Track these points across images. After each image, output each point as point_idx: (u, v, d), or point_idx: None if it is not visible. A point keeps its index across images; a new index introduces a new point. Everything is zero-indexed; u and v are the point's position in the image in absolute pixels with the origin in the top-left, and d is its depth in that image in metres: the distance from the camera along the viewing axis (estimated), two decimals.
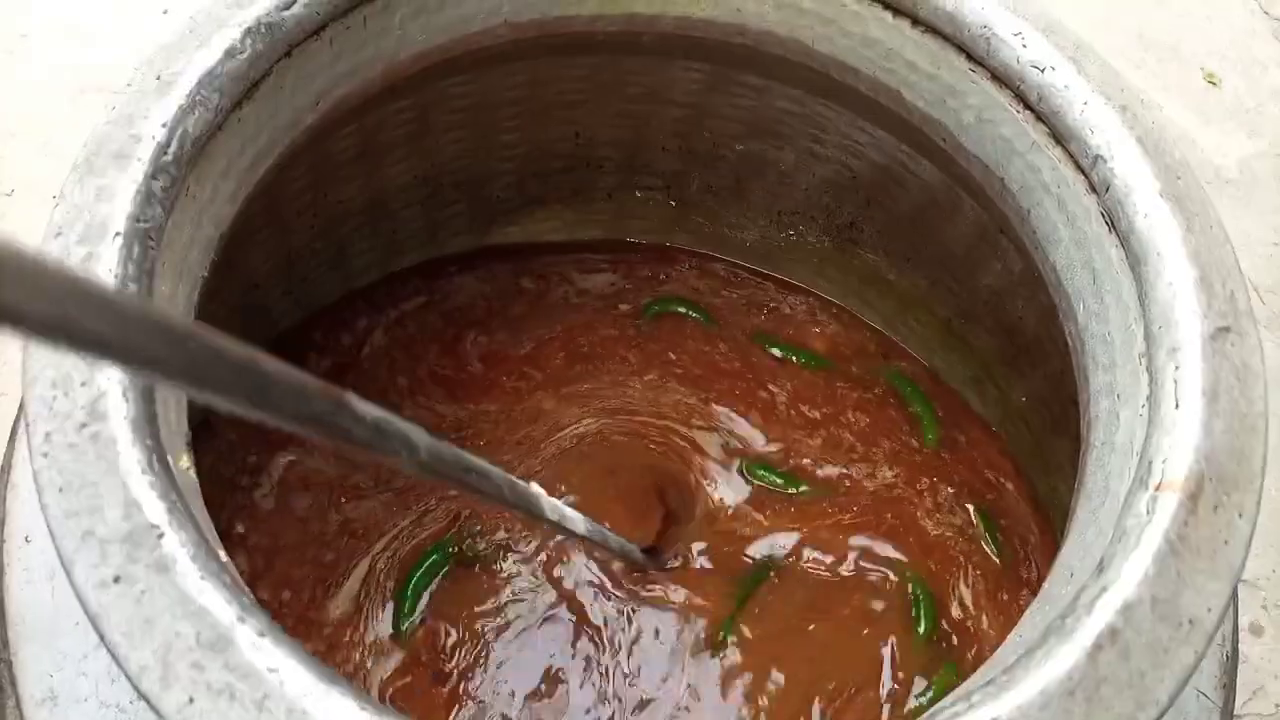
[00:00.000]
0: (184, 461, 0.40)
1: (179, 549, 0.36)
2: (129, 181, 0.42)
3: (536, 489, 0.44)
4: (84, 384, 0.38)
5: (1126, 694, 0.36)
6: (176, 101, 0.45)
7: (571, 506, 0.66)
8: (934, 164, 0.63)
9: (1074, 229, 0.51)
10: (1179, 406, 0.41)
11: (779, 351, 0.76)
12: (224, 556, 0.37)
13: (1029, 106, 0.52)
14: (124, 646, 0.34)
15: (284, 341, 0.72)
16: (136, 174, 0.43)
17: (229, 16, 0.48)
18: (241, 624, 0.34)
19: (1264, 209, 1.21)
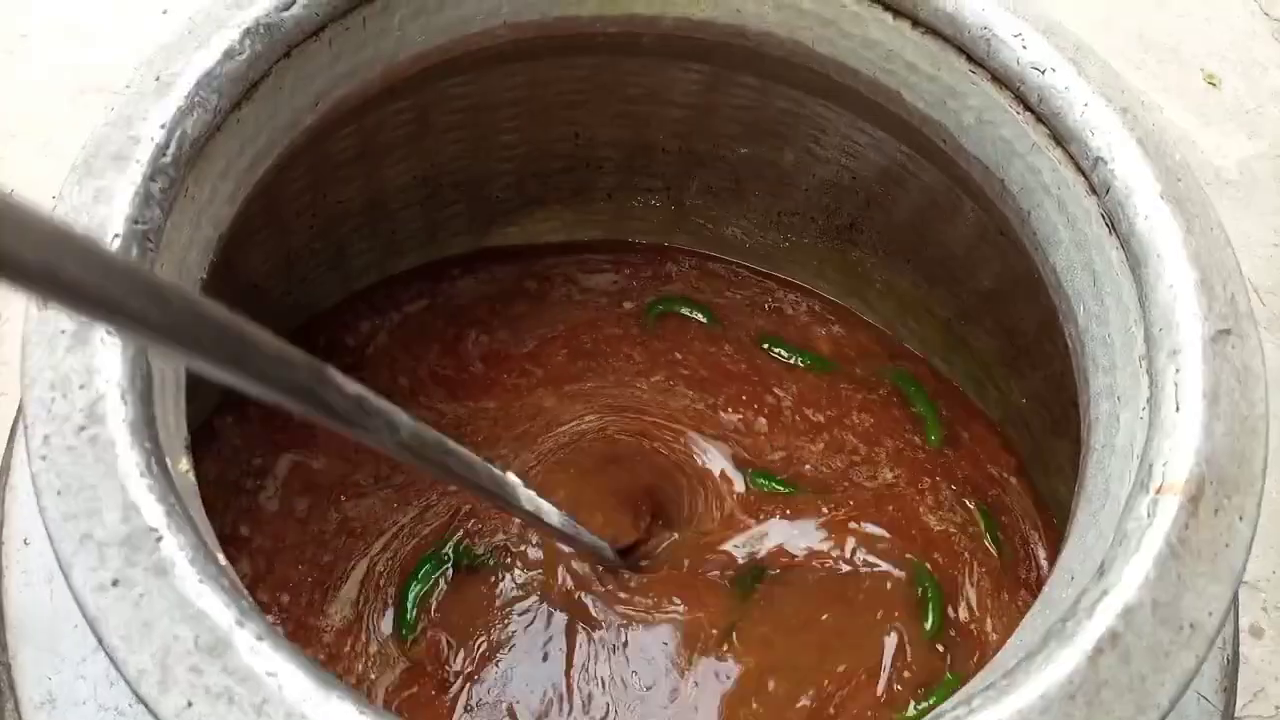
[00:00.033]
0: (183, 464, 0.40)
1: (177, 552, 0.36)
2: (127, 183, 0.42)
3: (513, 478, 0.44)
4: (82, 386, 0.38)
5: (1127, 698, 0.36)
6: (175, 103, 0.45)
7: (562, 499, 0.66)
8: (934, 165, 0.63)
9: (1074, 231, 0.51)
10: (1179, 409, 0.41)
11: (784, 353, 0.76)
12: (223, 560, 0.37)
13: (1029, 108, 0.52)
14: (122, 650, 0.34)
15: (300, 333, 0.72)
16: (135, 175, 0.43)
17: (228, 17, 0.48)
18: (240, 628, 0.34)
19: (1264, 210, 1.21)
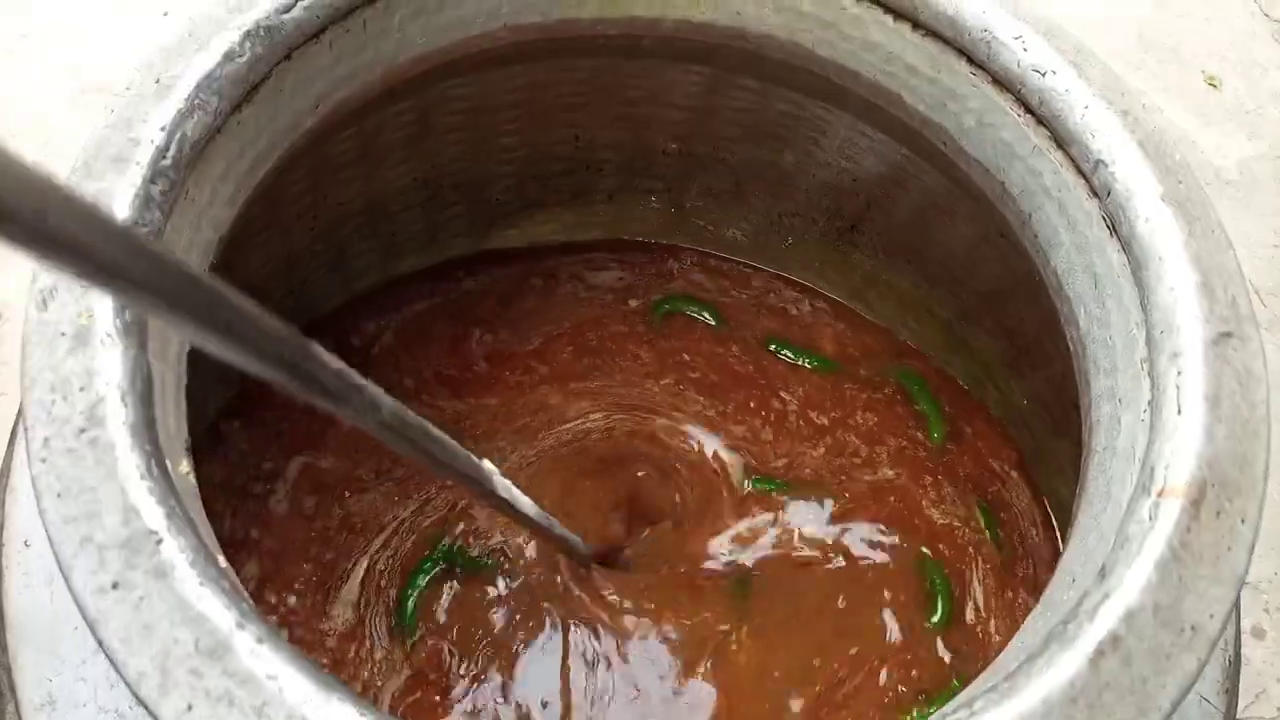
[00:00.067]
0: (183, 466, 0.40)
1: (178, 554, 0.36)
2: (127, 185, 0.42)
3: (489, 466, 0.44)
4: (83, 389, 0.38)
5: (1129, 701, 0.36)
6: (175, 105, 0.45)
7: (557, 495, 0.66)
8: (934, 167, 0.63)
9: (1075, 233, 0.51)
10: (1181, 412, 0.41)
11: (790, 355, 0.75)
12: (223, 562, 0.37)
13: (1030, 110, 0.52)
14: (122, 653, 0.34)
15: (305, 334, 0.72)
16: (135, 178, 0.43)
17: (228, 19, 0.47)
18: (240, 630, 0.34)
19: (1264, 211, 1.21)
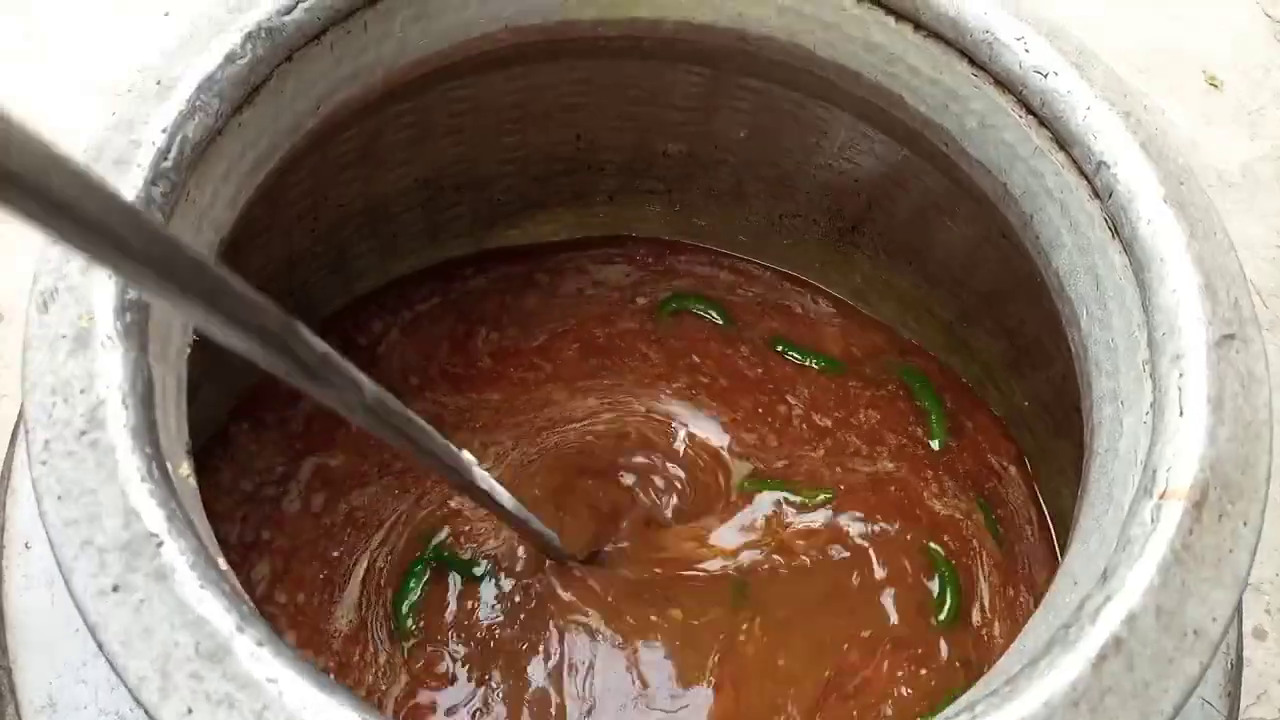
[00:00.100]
0: (184, 469, 0.40)
1: (178, 557, 0.35)
2: (128, 187, 0.42)
3: (469, 457, 0.44)
4: (83, 391, 0.38)
5: (1131, 704, 0.36)
6: (176, 107, 0.45)
7: (548, 493, 0.66)
8: (936, 168, 0.63)
9: (1077, 235, 0.51)
10: (1183, 414, 0.41)
11: (797, 356, 0.75)
12: (224, 565, 0.37)
13: (1032, 112, 0.52)
14: (123, 656, 0.34)
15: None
16: (136, 179, 0.43)
17: (229, 21, 0.47)
18: (240, 633, 0.34)
19: (1266, 212, 1.21)
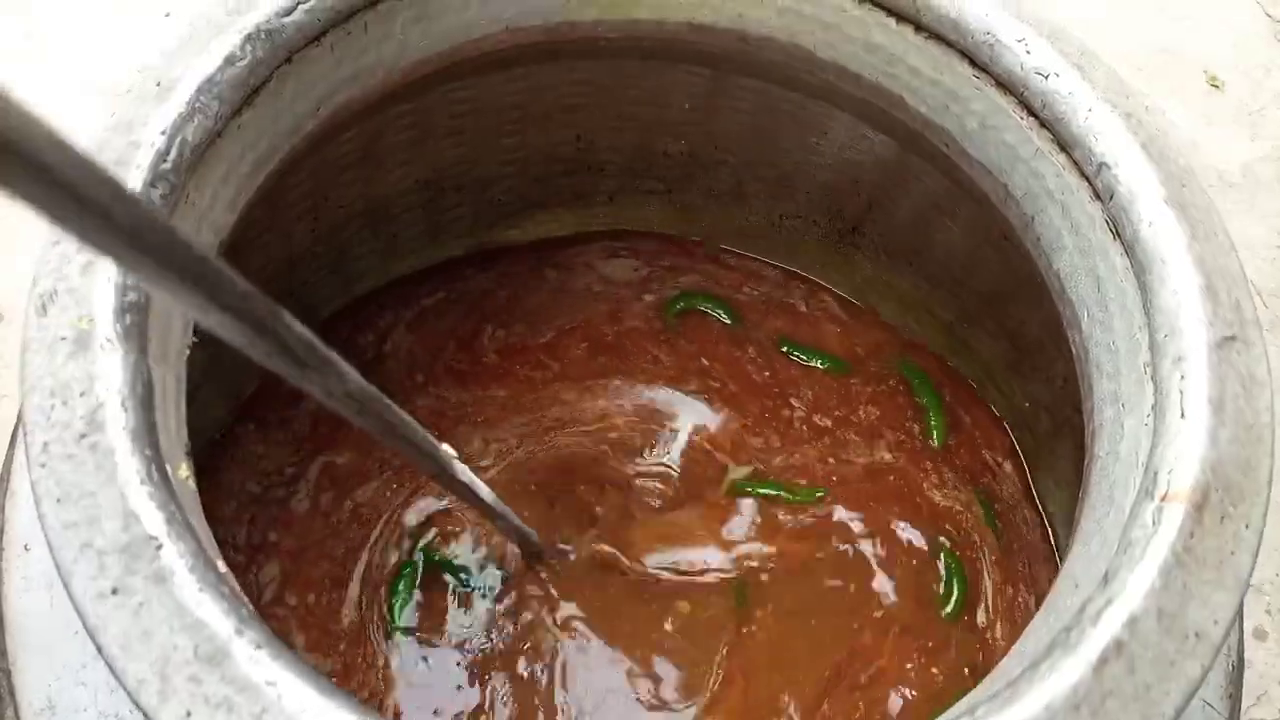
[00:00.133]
0: (183, 471, 0.40)
1: (177, 560, 0.35)
2: (131, 190, 0.42)
3: (448, 450, 0.44)
4: (83, 394, 0.38)
5: (1132, 708, 0.36)
6: (176, 108, 0.44)
7: (553, 493, 0.66)
8: (936, 169, 0.63)
9: (1078, 236, 0.51)
10: (1184, 416, 0.41)
11: (803, 356, 0.75)
12: (223, 568, 0.37)
13: (1033, 113, 0.52)
14: (122, 659, 0.34)
15: None
16: (135, 181, 0.43)
17: (229, 23, 0.47)
18: (239, 636, 0.34)
19: (1267, 212, 1.21)
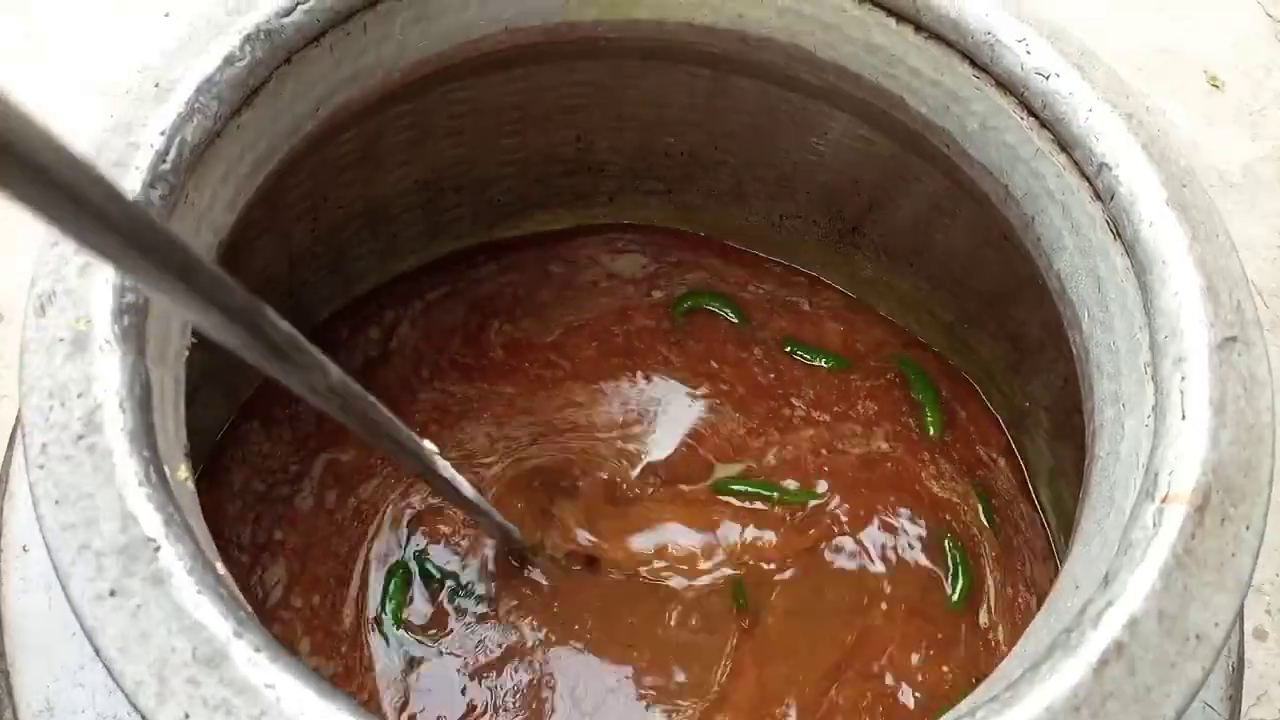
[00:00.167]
0: (182, 473, 0.40)
1: (175, 562, 0.35)
2: (127, 190, 0.42)
3: (430, 446, 0.44)
4: (80, 395, 0.38)
5: (1132, 709, 0.36)
6: (175, 109, 0.44)
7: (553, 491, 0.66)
8: (937, 170, 0.62)
9: (1078, 236, 0.51)
10: (1185, 417, 0.41)
11: (807, 356, 0.75)
12: (221, 569, 0.36)
13: (1033, 114, 0.52)
14: (120, 661, 0.34)
15: (310, 337, 0.72)
16: (134, 182, 0.42)
17: (228, 23, 0.47)
18: (238, 639, 0.34)
19: (1267, 212, 1.21)
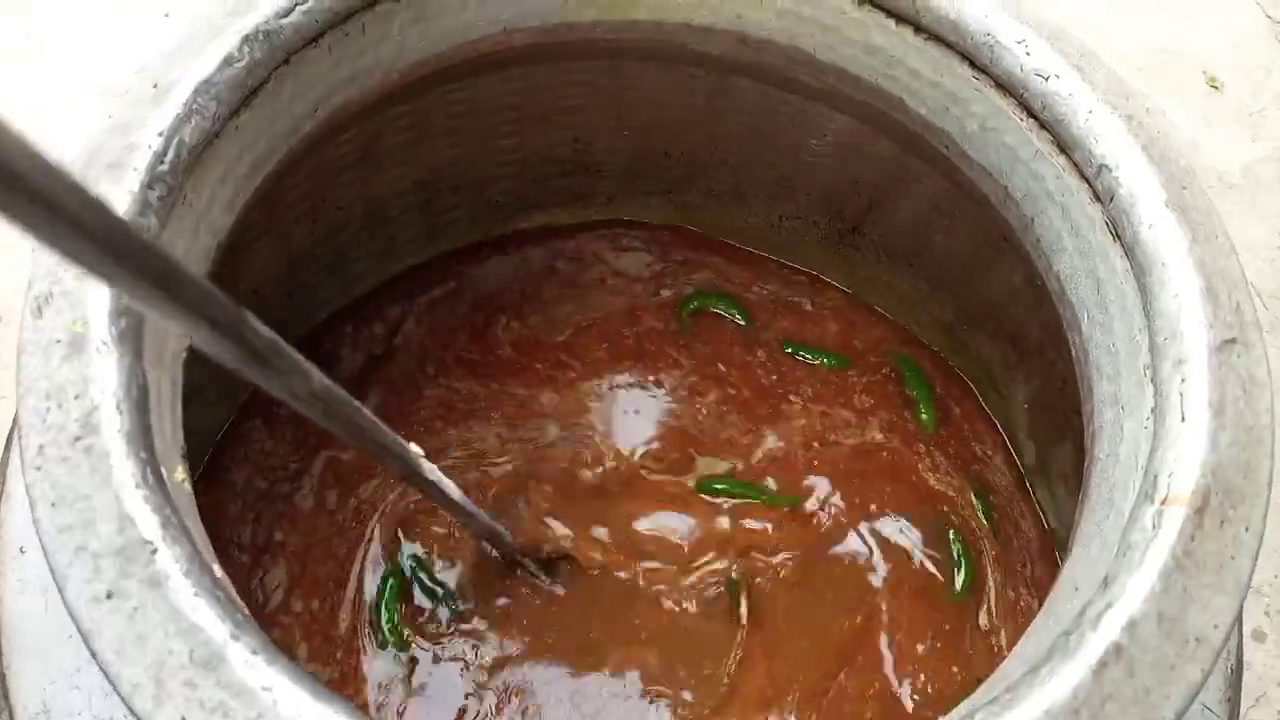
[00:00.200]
0: (179, 474, 0.40)
1: (172, 564, 0.35)
2: (124, 191, 0.42)
3: (415, 449, 0.44)
4: (78, 396, 0.38)
5: (1132, 711, 0.36)
6: (173, 110, 0.44)
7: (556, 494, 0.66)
8: (936, 171, 0.62)
9: (1078, 238, 0.51)
10: (1185, 419, 0.41)
11: (809, 356, 0.75)
12: (219, 572, 0.36)
13: (1033, 115, 0.52)
14: (116, 664, 0.34)
15: (315, 334, 0.72)
16: (132, 184, 0.42)
17: (227, 24, 0.47)
18: (235, 641, 0.34)
19: (1267, 213, 1.21)
